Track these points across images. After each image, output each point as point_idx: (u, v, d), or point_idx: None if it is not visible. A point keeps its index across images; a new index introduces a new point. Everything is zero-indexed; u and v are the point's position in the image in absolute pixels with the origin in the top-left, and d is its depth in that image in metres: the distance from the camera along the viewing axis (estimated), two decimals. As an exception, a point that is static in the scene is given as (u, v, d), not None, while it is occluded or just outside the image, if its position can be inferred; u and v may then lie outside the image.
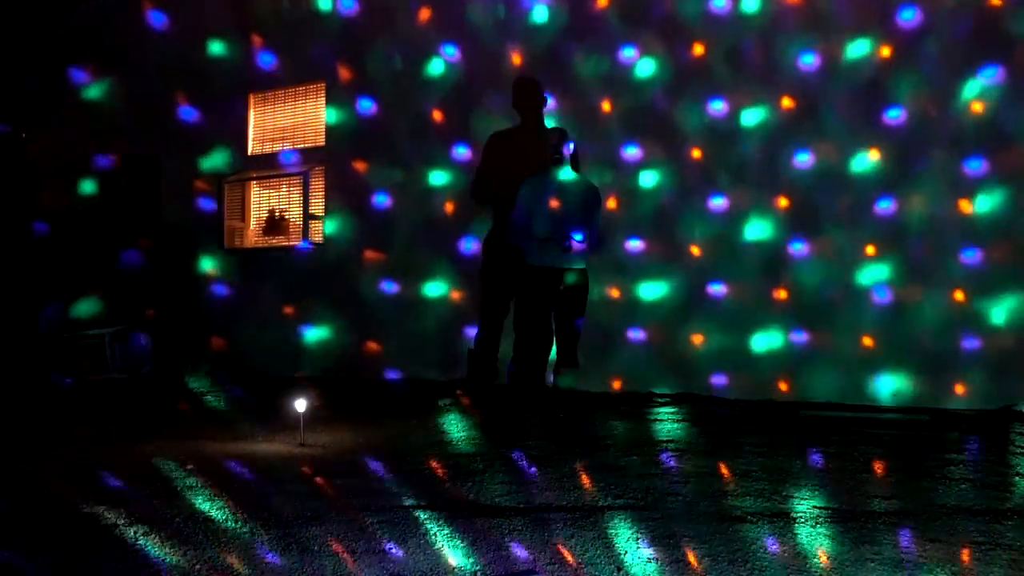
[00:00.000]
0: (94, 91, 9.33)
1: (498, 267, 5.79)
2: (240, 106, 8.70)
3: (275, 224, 8.59)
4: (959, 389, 5.86)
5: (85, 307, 7.99)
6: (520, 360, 5.40)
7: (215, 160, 8.79)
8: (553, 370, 5.49)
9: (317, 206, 8.25)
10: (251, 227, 8.80)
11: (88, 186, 9.31)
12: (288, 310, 8.21)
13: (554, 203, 5.28)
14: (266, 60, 8.44)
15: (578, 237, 5.28)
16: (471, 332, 7.22)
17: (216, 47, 8.71)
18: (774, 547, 3.14)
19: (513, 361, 5.45)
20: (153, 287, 8.44)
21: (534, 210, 5.30)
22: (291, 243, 8.42)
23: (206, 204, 8.77)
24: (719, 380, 6.48)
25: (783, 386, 6.32)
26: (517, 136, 5.95)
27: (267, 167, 8.60)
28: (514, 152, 5.75)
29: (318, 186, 8.26)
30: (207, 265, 8.76)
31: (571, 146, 5.41)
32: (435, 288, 7.54)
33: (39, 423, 5.78)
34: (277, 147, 8.63)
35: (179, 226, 8.89)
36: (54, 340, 7.64)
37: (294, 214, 8.47)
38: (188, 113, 8.84)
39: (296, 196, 8.41)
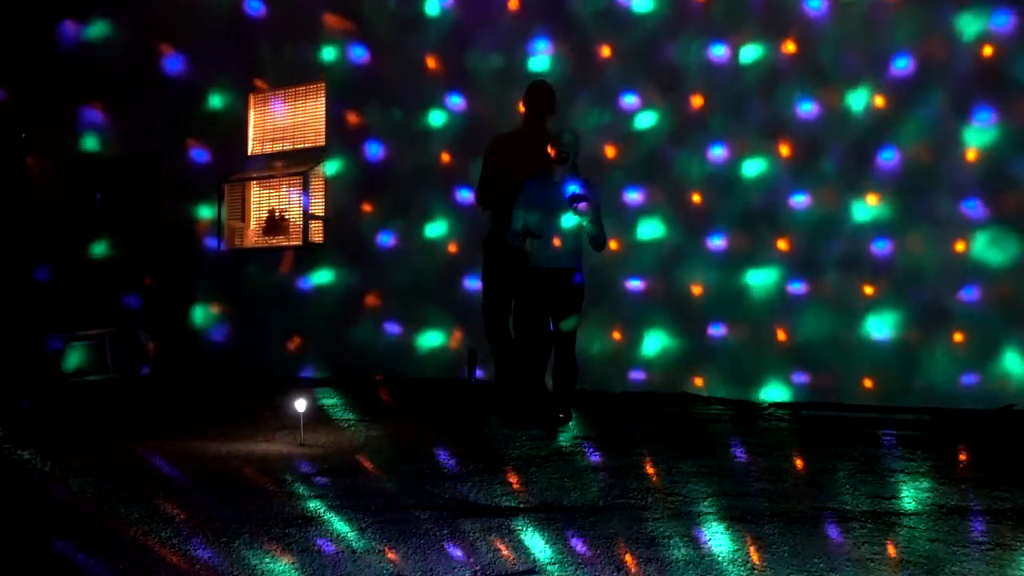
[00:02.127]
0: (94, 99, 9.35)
1: (499, 267, 5.81)
2: (240, 105, 8.71)
3: (275, 224, 8.59)
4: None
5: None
6: (521, 360, 5.42)
7: (215, 161, 8.80)
8: (553, 379, 5.49)
9: (317, 206, 8.25)
10: (251, 227, 8.80)
11: (88, 185, 9.32)
12: (287, 310, 8.22)
13: (553, 204, 5.30)
14: (266, 60, 8.46)
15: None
16: (471, 332, 7.26)
17: (217, 49, 8.73)
18: (774, 547, 3.14)
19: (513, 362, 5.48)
20: (152, 286, 8.44)
21: (531, 213, 5.33)
22: (291, 243, 8.42)
23: (206, 203, 8.78)
24: (720, 380, 6.50)
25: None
26: (518, 139, 5.98)
27: (267, 167, 8.60)
28: (515, 155, 5.78)
29: (318, 186, 8.27)
30: (206, 265, 8.77)
31: (577, 149, 5.46)
32: (435, 286, 7.55)
33: (39, 423, 5.77)
34: (277, 147, 8.64)
35: (178, 225, 8.89)
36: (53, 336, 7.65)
37: (294, 214, 8.47)
38: (188, 112, 8.85)
39: (296, 196, 8.41)
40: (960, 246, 5.84)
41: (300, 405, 4.97)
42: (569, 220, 5.29)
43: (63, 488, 3.88)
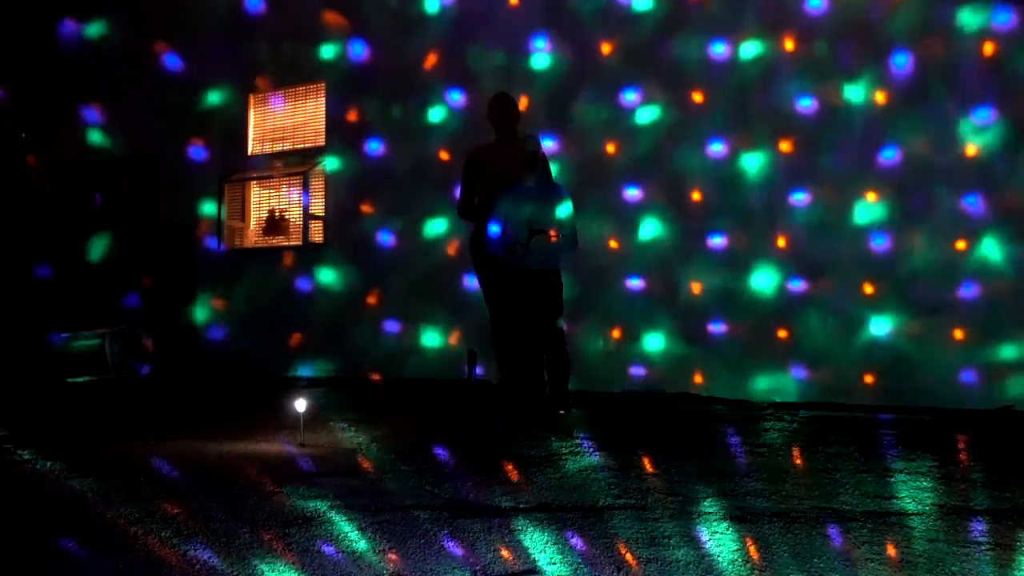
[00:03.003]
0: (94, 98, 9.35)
1: (489, 266, 5.89)
2: (240, 105, 8.71)
3: (275, 224, 8.59)
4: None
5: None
6: (518, 362, 5.48)
7: (215, 161, 8.80)
8: (548, 378, 5.53)
9: (317, 206, 8.25)
10: (251, 227, 8.80)
11: (87, 184, 9.32)
12: (287, 310, 8.22)
13: (528, 209, 5.47)
14: (266, 60, 8.46)
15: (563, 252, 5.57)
16: (471, 332, 7.26)
17: (217, 49, 8.73)
18: (774, 547, 3.14)
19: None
20: (152, 286, 8.44)
21: (509, 221, 5.48)
22: (291, 243, 8.42)
23: (206, 203, 8.78)
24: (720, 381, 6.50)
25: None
26: (493, 150, 6.10)
27: (267, 167, 8.60)
28: (491, 165, 5.92)
29: (318, 186, 8.27)
30: (206, 265, 8.77)
31: (542, 152, 5.66)
32: (436, 285, 7.55)
33: (38, 423, 5.77)
34: (277, 147, 8.64)
35: (178, 225, 8.89)
36: (53, 336, 7.65)
37: (294, 214, 8.47)
38: (188, 112, 8.85)
39: (296, 196, 8.41)
40: (961, 244, 5.85)
41: (300, 405, 4.97)
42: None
43: (63, 488, 3.87)
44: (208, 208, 8.80)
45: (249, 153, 8.74)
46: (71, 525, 3.37)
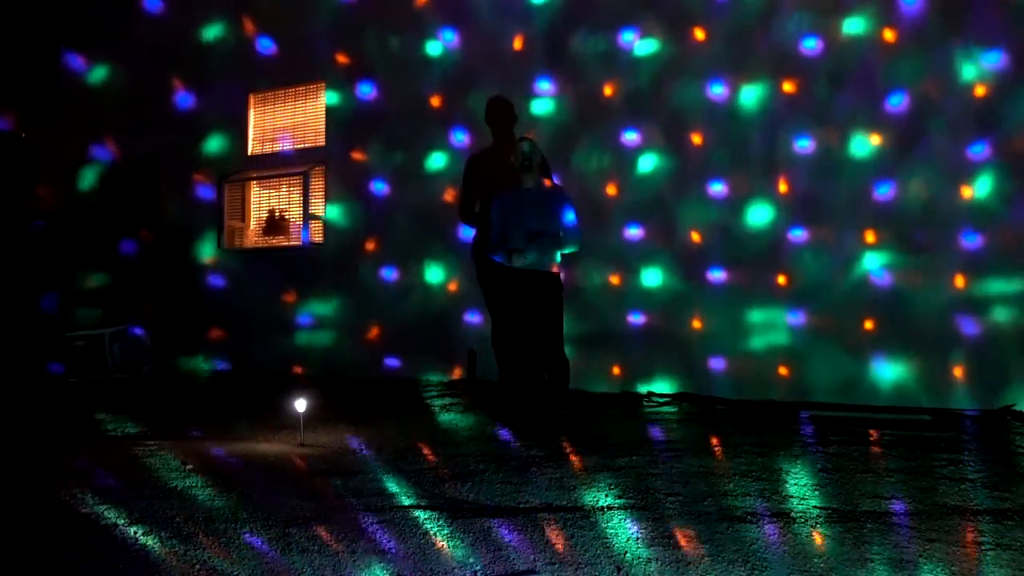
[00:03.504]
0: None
1: (489, 269, 5.92)
2: (240, 105, 8.71)
3: (275, 224, 8.59)
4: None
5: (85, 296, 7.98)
6: (517, 364, 5.49)
7: (215, 159, 8.81)
8: (547, 379, 5.53)
9: (317, 206, 8.26)
10: (251, 227, 8.80)
11: (87, 183, 9.33)
12: (287, 310, 8.22)
13: (527, 212, 5.46)
14: (266, 59, 8.46)
15: (568, 250, 5.58)
16: (472, 333, 7.27)
17: (216, 44, 8.73)
18: (774, 547, 3.14)
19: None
20: (152, 287, 8.44)
21: (508, 224, 5.46)
22: (291, 243, 8.43)
23: (206, 202, 8.78)
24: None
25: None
26: (491, 154, 6.13)
27: (267, 167, 8.61)
28: (490, 169, 5.95)
29: (318, 186, 8.27)
30: (206, 265, 8.77)
31: (539, 154, 5.64)
32: (436, 285, 7.55)
33: (38, 423, 5.77)
34: (277, 147, 8.64)
35: (178, 225, 8.90)
36: (53, 336, 7.64)
37: (294, 214, 8.47)
38: (188, 112, 8.85)
39: (296, 196, 8.42)
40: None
41: (300, 405, 4.97)
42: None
43: (63, 488, 3.87)
44: (208, 208, 8.79)
45: (249, 153, 8.74)
46: (71, 525, 3.38)
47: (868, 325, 6.11)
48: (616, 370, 6.79)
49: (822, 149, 6.24)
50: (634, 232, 6.78)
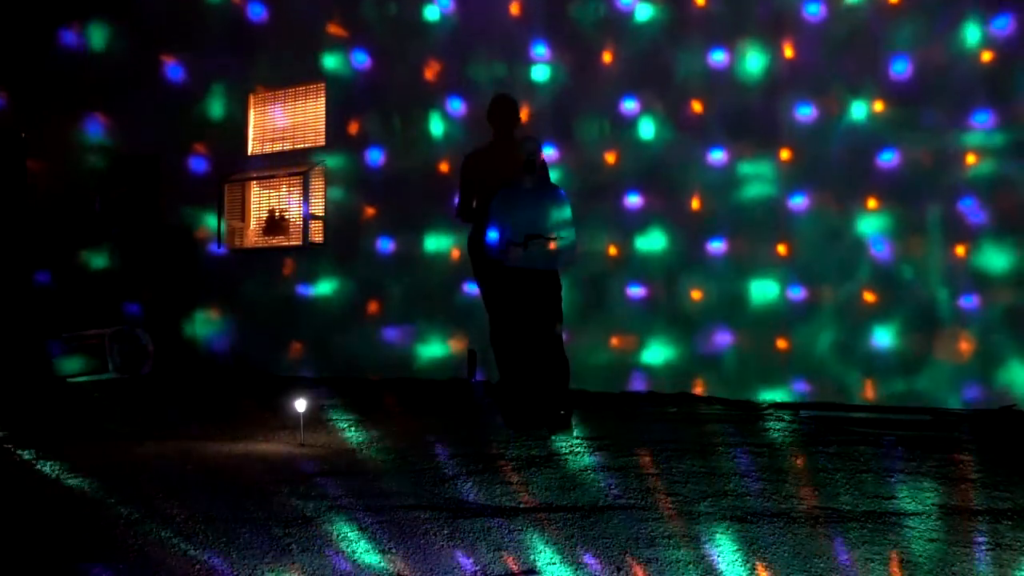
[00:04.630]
0: (94, 98, 9.35)
1: (487, 267, 5.89)
2: (240, 105, 8.71)
3: (275, 224, 8.59)
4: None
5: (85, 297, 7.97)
6: (516, 362, 5.47)
7: (215, 161, 8.80)
8: (546, 380, 5.51)
9: (317, 206, 8.25)
10: (251, 227, 8.80)
11: (86, 181, 9.32)
12: (286, 310, 8.22)
13: (525, 211, 5.42)
14: (266, 60, 8.45)
15: (563, 243, 5.47)
16: (472, 332, 7.26)
17: (217, 48, 8.73)
18: (774, 547, 3.14)
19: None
20: (151, 286, 8.45)
21: (507, 223, 5.43)
22: (291, 243, 8.42)
23: (206, 202, 8.78)
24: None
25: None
26: (490, 152, 6.12)
27: (267, 167, 8.60)
28: (489, 167, 5.93)
29: (318, 186, 8.27)
30: (206, 265, 8.77)
31: (542, 156, 5.59)
32: (437, 285, 7.55)
33: (38, 423, 5.77)
34: (277, 147, 8.64)
35: (178, 225, 8.89)
36: (52, 336, 7.65)
37: (294, 214, 8.47)
38: (188, 112, 8.85)
39: (296, 196, 8.41)
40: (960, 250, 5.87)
41: (300, 405, 4.97)
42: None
43: (63, 488, 3.88)
44: (208, 208, 8.79)
45: (249, 153, 8.74)
46: (71, 526, 3.38)
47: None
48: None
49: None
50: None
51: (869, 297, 6.12)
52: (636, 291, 6.77)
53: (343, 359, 7.89)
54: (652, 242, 6.75)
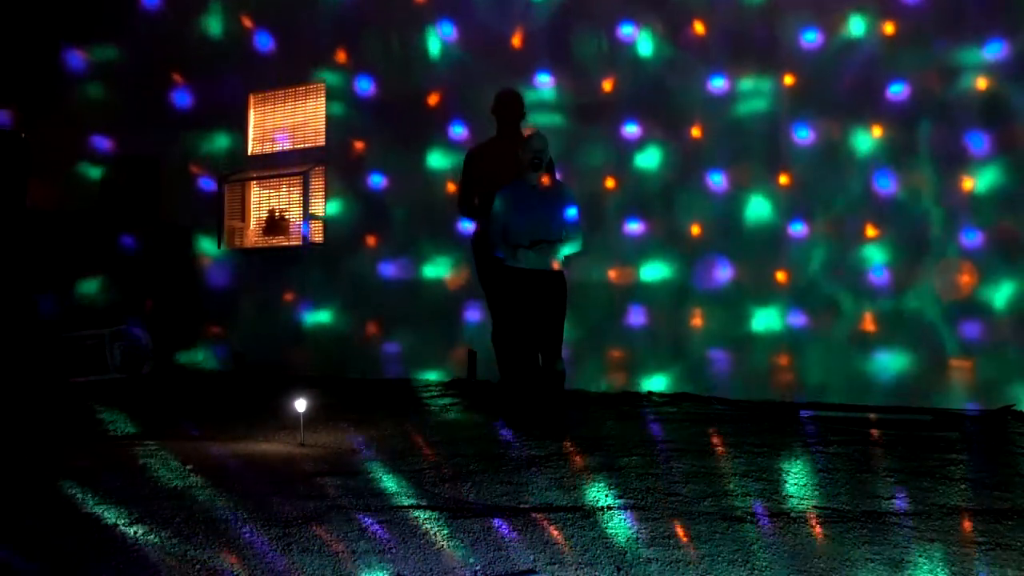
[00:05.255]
0: (95, 100, 9.36)
1: (490, 266, 5.86)
2: (240, 105, 8.71)
3: (275, 224, 8.59)
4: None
5: (85, 296, 7.97)
6: (511, 360, 5.46)
7: (215, 160, 8.81)
8: (544, 381, 5.48)
9: (317, 206, 8.26)
10: (251, 227, 8.80)
11: (87, 184, 9.33)
12: (286, 309, 8.23)
13: (530, 209, 5.37)
14: (265, 57, 8.45)
15: (568, 250, 5.46)
16: (472, 332, 7.26)
17: (216, 44, 8.73)
18: (774, 547, 3.14)
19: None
20: (152, 286, 8.44)
21: (510, 220, 5.39)
22: (291, 243, 8.43)
23: (206, 202, 8.78)
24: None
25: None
26: (493, 147, 6.08)
27: (267, 167, 8.61)
28: (491, 163, 5.89)
29: (318, 186, 8.27)
30: (206, 265, 8.77)
31: (548, 152, 5.51)
32: (437, 283, 7.55)
33: (38, 424, 5.77)
34: (277, 147, 8.64)
35: (178, 225, 8.90)
36: (53, 337, 7.63)
37: (294, 214, 8.47)
38: (188, 114, 8.85)
39: (296, 196, 8.41)
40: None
41: (300, 405, 4.97)
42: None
43: (62, 488, 3.87)
44: (208, 208, 8.79)
45: (249, 153, 8.74)
46: (71, 526, 3.38)
47: (867, 321, 6.11)
48: (615, 365, 6.80)
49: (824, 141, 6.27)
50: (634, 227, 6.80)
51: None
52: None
53: (343, 359, 7.90)
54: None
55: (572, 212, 5.46)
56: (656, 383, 6.67)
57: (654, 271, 6.75)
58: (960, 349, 5.91)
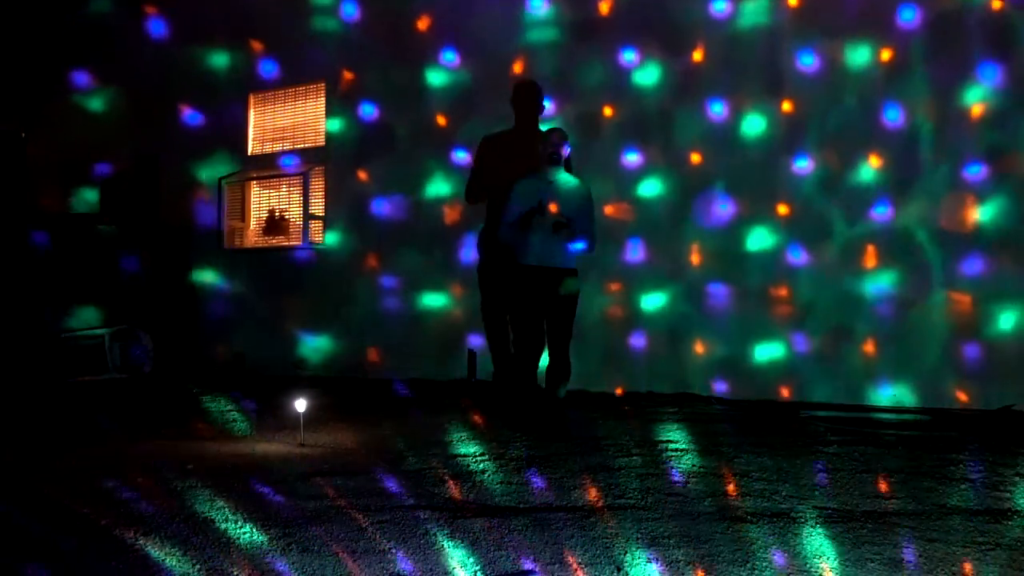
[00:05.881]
0: (95, 101, 9.36)
1: (494, 264, 5.82)
2: (240, 106, 8.71)
3: (275, 224, 8.59)
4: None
5: (85, 311, 7.97)
6: (515, 359, 5.42)
7: (215, 161, 8.80)
8: (546, 380, 5.43)
9: (317, 206, 8.25)
10: (251, 227, 8.80)
11: (88, 188, 9.34)
12: (286, 309, 8.22)
13: (549, 204, 5.24)
14: (266, 62, 8.45)
15: (579, 246, 5.31)
16: (471, 333, 7.26)
17: (216, 50, 8.73)
18: (774, 547, 3.14)
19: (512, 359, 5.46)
20: (152, 287, 8.44)
21: (526, 209, 5.25)
22: (291, 243, 8.42)
23: (206, 203, 8.77)
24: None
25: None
26: (509, 137, 6.01)
27: (267, 167, 8.60)
28: (506, 153, 5.82)
29: (318, 186, 8.27)
30: (206, 265, 8.77)
31: (568, 148, 5.40)
32: (436, 286, 7.55)
33: (38, 425, 5.77)
34: (277, 147, 8.64)
35: (178, 227, 8.89)
36: (53, 337, 7.63)
37: (294, 214, 8.47)
38: (188, 114, 8.85)
39: (296, 196, 8.41)
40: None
41: (300, 405, 4.97)
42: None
43: (62, 488, 3.87)
44: (208, 208, 8.79)
45: (249, 153, 8.74)
46: (71, 526, 3.38)
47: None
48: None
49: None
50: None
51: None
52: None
53: (344, 359, 7.89)
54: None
55: (590, 211, 5.35)
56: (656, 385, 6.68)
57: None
58: (960, 348, 5.91)
